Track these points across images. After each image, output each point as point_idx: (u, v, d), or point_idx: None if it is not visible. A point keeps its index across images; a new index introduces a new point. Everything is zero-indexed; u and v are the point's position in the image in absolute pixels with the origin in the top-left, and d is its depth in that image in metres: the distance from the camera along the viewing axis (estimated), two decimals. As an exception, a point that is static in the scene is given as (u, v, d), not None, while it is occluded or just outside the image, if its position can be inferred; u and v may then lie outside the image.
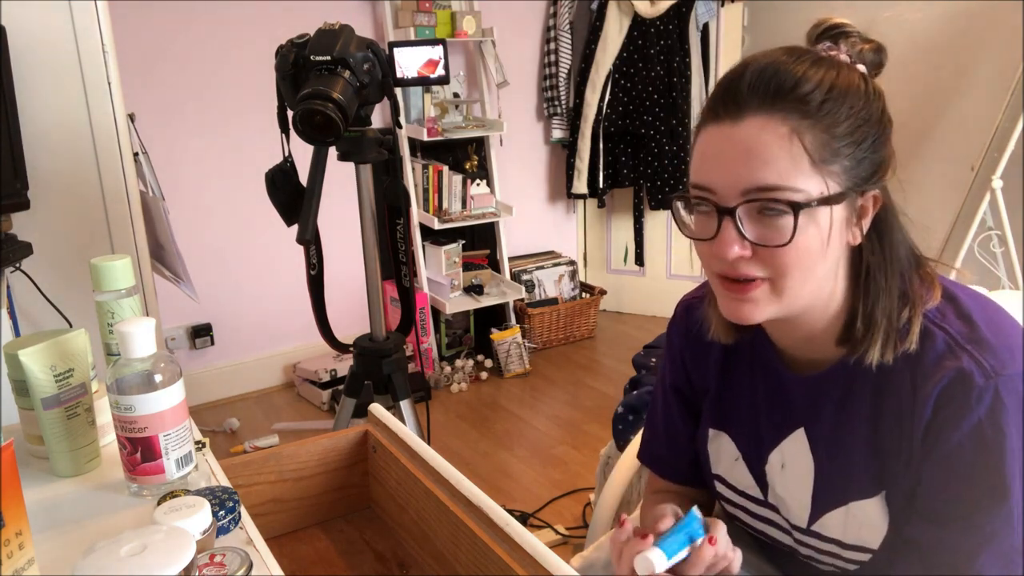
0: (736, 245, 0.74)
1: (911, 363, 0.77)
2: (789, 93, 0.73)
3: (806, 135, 0.72)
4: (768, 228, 0.74)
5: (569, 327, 3.52)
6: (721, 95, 0.76)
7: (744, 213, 0.74)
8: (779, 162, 0.72)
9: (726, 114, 0.75)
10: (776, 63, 0.75)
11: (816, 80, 0.73)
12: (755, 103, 0.73)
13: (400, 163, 1.75)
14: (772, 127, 0.72)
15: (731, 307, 0.79)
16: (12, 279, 1.54)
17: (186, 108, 2.82)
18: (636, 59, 3.38)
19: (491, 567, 0.81)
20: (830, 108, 0.73)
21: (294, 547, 1.06)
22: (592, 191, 3.53)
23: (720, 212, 0.75)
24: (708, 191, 0.76)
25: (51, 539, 0.76)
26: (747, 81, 0.74)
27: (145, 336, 0.78)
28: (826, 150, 0.73)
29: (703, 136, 0.78)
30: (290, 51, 1.51)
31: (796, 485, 0.88)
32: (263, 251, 3.04)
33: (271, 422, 2.86)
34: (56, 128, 1.60)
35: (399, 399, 1.75)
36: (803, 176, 0.72)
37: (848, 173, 0.74)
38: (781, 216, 0.73)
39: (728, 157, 0.74)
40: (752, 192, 0.73)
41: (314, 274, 1.75)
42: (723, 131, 0.75)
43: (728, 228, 0.75)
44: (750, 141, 0.73)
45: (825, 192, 0.73)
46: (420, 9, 3.03)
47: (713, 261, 0.78)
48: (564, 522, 2.22)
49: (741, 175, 0.73)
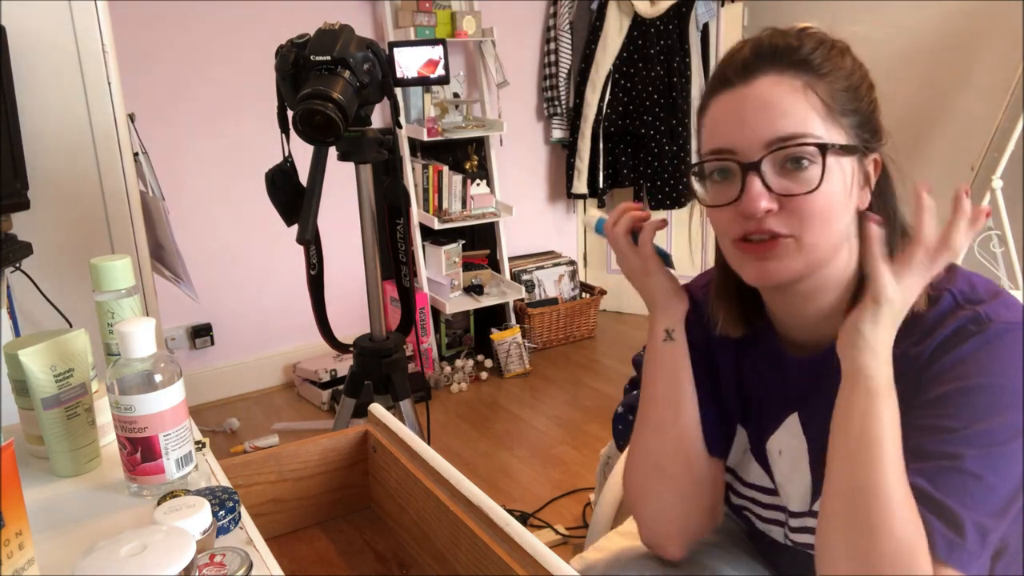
0: (764, 199, 0.75)
1: (917, 324, 0.77)
2: (794, 53, 0.76)
3: (818, 86, 0.76)
4: (793, 180, 0.75)
5: (569, 327, 3.52)
6: (728, 65, 0.79)
7: (769, 166, 0.76)
8: (797, 112, 0.75)
9: (737, 79, 0.77)
10: (772, 36, 0.79)
11: (813, 44, 0.77)
12: (765, 64, 0.77)
13: (400, 163, 1.75)
14: (786, 81, 0.76)
15: (757, 268, 0.79)
16: (12, 279, 1.54)
17: (186, 108, 2.82)
18: (636, 59, 3.38)
19: (491, 567, 0.81)
20: (831, 68, 0.77)
21: (294, 547, 1.06)
22: (592, 191, 3.53)
23: (744, 169, 0.76)
24: (728, 152, 0.77)
25: (51, 539, 0.76)
26: (751, 50, 0.78)
27: (145, 336, 0.78)
28: (836, 102, 0.76)
29: (715, 105, 0.80)
30: (290, 51, 1.51)
31: (794, 469, 0.88)
32: (263, 251, 3.04)
33: (271, 422, 2.86)
34: (56, 128, 1.60)
35: (399, 399, 1.75)
36: (821, 124, 0.75)
37: (856, 129, 0.78)
38: (806, 166, 0.75)
39: (746, 115, 0.76)
40: (776, 143, 0.75)
41: (314, 274, 1.75)
42: (737, 93, 0.77)
43: (754, 183, 0.75)
44: (766, 96, 0.75)
45: (843, 141, 0.76)
46: (420, 9, 3.03)
47: (736, 224, 0.78)
48: (564, 522, 2.22)
49: (762, 129, 0.75)
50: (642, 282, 0.91)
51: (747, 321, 0.90)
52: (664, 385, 0.90)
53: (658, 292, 0.90)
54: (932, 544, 0.70)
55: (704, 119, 0.81)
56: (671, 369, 0.90)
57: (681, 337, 0.90)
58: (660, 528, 0.91)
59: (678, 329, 0.90)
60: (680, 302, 0.91)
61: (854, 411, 0.73)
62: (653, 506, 0.91)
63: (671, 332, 0.90)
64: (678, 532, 0.91)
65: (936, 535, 0.70)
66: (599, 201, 3.60)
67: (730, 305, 0.90)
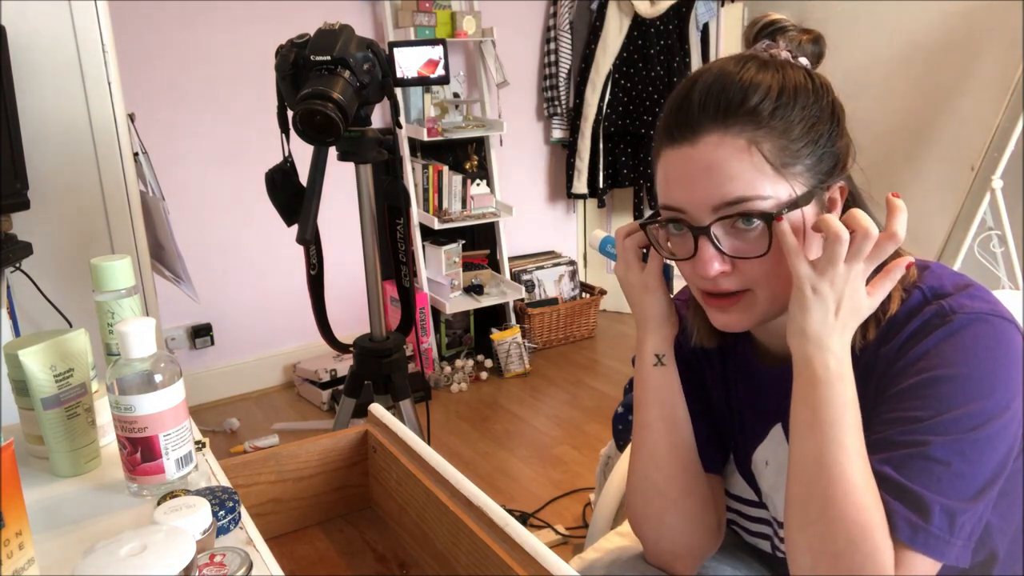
0: (716, 262, 0.75)
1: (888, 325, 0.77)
2: (740, 107, 0.73)
3: (764, 144, 0.73)
4: (744, 241, 0.75)
5: (569, 327, 3.52)
6: (674, 117, 0.77)
7: (719, 229, 0.75)
8: (743, 174, 0.73)
9: (681, 136, 0.75)
10: (722, 76, 0.75)
11: (764, 88, 0.74)
12: (708, 121, 0.74)
13: (400, 163, 1.75)
14: (729, 141, 0.73)
15: (720, 319, 0.80)
16: (12, 279, 1.54)
17: (186, 108, 2.82)
18: (636, 59, 3.38)
19: (491, 567, 0.81)
20: (782, 114, 0.74)
21: (294, 547, 1.06)
22: (592, 191, 3.53)
23: (695, 232, 0.76)
24: (679, 211, 0.77)
25: (51, 539, 0.76)
26: (696, 101, 0.75)
27: (145, 336, 0.78)
28: (786, 154, 0.74)
29: (663, 160, 0.78)
30: (290, 51, 1.51)
31: (780, 479, 0.88)
32: (263, 251, 3.04)
33: (271, 422, 2.86)
34: (56, 128, 1.60)
35: (399, 399, 1.75)
36: (769, 183, 0.73)
37: (811, 171, 0.75)
38: (756, 226, 0.74)
39: (692, 178, 0.75)
40: (723, 208, 0.74)
41: (314, 274, 1.75)
42: (682, 153, 0.75)
43: (706, 247, 0.75)
44: (710, 159, 0.73)
45: (793, 195, 0.74)
46: (420, 9, 3.02)
47: (695, 279, 0.79)
48: (564, 522, 2.22)
49: (708, 193, 0.74)
50: (639, 297, 0.90)
51: (721, 334, 0.90)
52: (657, 410, 0.88)
53: (652, 312, 0.88)
54: (894, 527, 0.69)
55: (657, 168, 0.80)
56: (663, 394, 0.88)
57: (671, 360, 0.89)
58: (666, 548, 0.91)
59: (668, 354, 0.88)
60: (671, 327, 0.89)
61: (798, 399, 0.74)
62: (656, 529, 0.91)
63: (661, 357, 0.88)
64: (684, 551, 0.90)
65: (898, 518, 0.69)
66: (599, 201, 3.60)
67: (704, 319, 0.90)
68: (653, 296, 0.88)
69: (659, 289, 0.88)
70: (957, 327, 0.73)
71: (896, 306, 0.77)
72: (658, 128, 0.80)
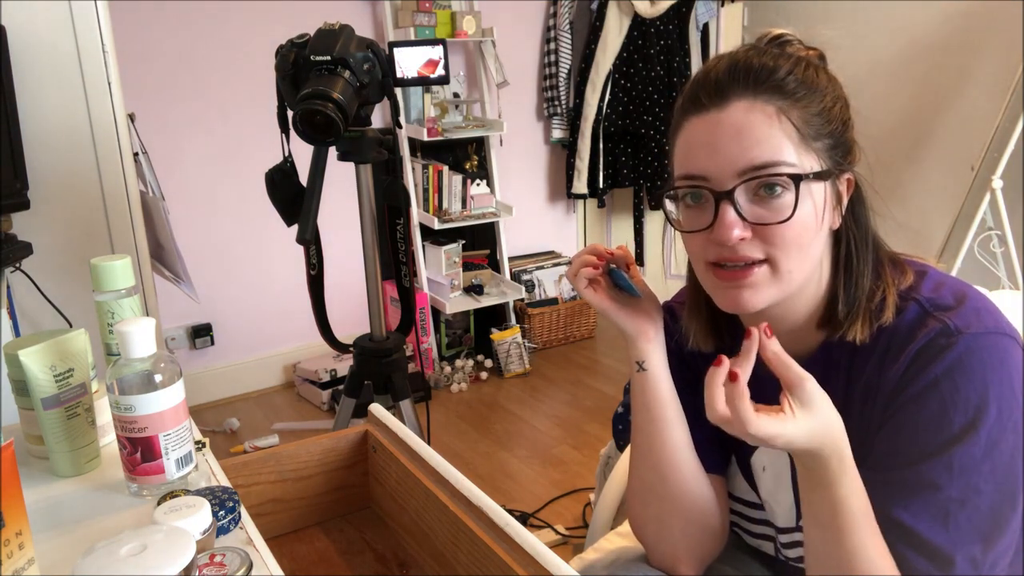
0: (737, 227, 0.75)
1: (885, 336, 0.78)
2: (768, 78, 0.75)
3: (791, 112, 0.75)
4: (767, 207, 0.75)
5: (569, 327, 3.52)
6: (700, 86, 0.78)
7: (741, 194, 0.75)
8: (771, 140, 0.74)
9: (710, 103, 0.76)
10: (747, 55, 0.77)
11: (787, 68, 0.76)
12: (738, 88, 0.75)
13: (400, 163, 1.75)
14: (759, 107, 0.74)
15: (730, 296, 0.78)
16: (12, 279, 1.54)
17: (186, 108, 2.82)
18: (636, 59, 3.38)
19: (491, 567, 0.81)
20: (804, 92, 0.76)
21: (294, 547, 1.06)
22: (592, 191, 3.53)
23: (717, 197, 0.75)
24: (701, 179, 0.77)
25: (51, 539, 0.76)
26: (725, 70, 0.76)
27: (145, 336, 0.78)
28: (810, 127, 0.75)
29: (687, 128, 0.78)
30: (290, 51, 1.51)
31: (777, 485, 0.88)
32: (263, 251, 3.04)
33: (271, 422, 2.86)
34: (56, 128, 1.60)
35: (399, 399, 1.75)
36: (795, 151, 0.74)
37: (829, 152, 0.77)
38: (779, 194, 0.74)
39: (720, 142, 0.75)
40: (749, 172, 0.74)
41: (314, 274, 1.75)
42: (709, 118, 0.76)
43: (727, 211, 0.75)
44: (740, 123, 0.74)
45: (816, 167, 0.76)
46: (420, 9, 3.02)
47: (709, 250, 0.78)
48: (564, 522, 2.22)
49: (735, 157, 0.74)
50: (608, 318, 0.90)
51: (718, 335, 0.90)
52: (646, 413, 0.89)
53: (620, 328, 0.89)
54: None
55: (677, 140, 0.80)
56: (650, 397, 0.89)
57: (654, 364, 0.88)
58: (667, 550, 0.91)
59: (648, 359, 0.88)
60: (645, 337, 0.88)
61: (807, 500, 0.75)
62: (656, 531, 0.91)
63: (642, 363, 0.89)
64: (686, 553, 0.90)
65: None
66: (599, 201, 3.60)
67: (701, 320, 0.90)
68: (612, 317, 0.89)
69: (612, 311, 0.88)
70: (963, 351, 0.72)
71: (891, 314, 0.77)
72: (680, 103, 0.80)
